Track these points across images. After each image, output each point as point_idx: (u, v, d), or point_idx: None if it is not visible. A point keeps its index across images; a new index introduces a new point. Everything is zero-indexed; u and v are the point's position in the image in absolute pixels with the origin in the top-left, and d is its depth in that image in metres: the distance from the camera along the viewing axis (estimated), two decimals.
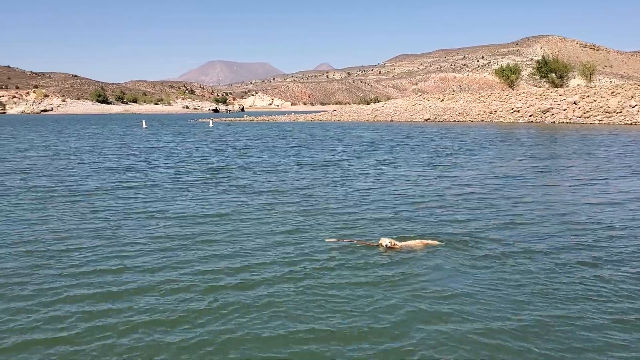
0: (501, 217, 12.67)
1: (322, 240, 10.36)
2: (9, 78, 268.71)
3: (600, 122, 61.38)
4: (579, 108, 66.12)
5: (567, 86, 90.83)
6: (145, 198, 15.23)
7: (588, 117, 63.56)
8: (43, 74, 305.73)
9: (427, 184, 18.23)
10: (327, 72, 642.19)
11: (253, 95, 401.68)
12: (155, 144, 39.72)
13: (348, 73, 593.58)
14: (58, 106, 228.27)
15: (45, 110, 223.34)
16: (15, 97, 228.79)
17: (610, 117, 61.79)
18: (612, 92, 68.49)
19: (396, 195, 15.77)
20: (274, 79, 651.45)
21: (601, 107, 64.36)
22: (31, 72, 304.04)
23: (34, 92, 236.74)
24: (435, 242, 10.24)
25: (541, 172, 21.18)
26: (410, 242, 10.15)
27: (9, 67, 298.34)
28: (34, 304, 7.17)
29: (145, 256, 9.36)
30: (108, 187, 17.34)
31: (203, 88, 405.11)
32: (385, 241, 9.87)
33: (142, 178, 19.60)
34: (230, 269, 8.67)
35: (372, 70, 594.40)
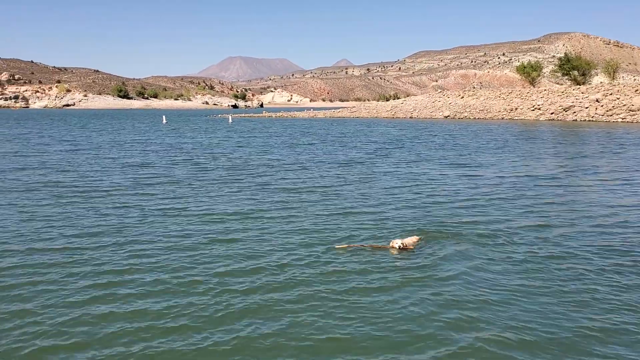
0: (529, 219, 12.33)
1: (339, 243, 9.99)
2: (33, 73, 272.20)
3: (624, 120, 60.36)
4: (602, 106, 65.08)
5: (590, 84, 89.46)
6: (165, 195, 15.14)
7: (611, 115, 62.54)
8: (65, 69, 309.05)
9: (454, 183, 17.88)
10: (346, 69, 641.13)
11: (272, 91, 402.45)
12: (176, 140, 39.90)
13: (367, 69, 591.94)
14: (80, 101, 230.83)
15: (68, 105, 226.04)
16: (38, 91, 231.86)
17: (634, 115, 60.70)
18: (636, 90, 67.27)
19: (421, 195, 15.44)
20: (292, 75, 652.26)
21: (624, 105, 63.27)
22: (54, 67, 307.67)
23: (56, 87, 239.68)
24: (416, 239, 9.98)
25: (569, 171, 20.75)
26: (412, 239, 9.91)
27: (32, 62, 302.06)
28: (52, 303, 7.10)
29: (161, 255, 9.24)
30: (129, 184, 17.35)
31: (222, 84, 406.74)
32: (397, 242, 9.55)
33: (163, 175, 19.56)
34: (245, 270, 8.47)
35: (391, 66, 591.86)
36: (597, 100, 66.60)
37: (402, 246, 9.44)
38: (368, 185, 17.40)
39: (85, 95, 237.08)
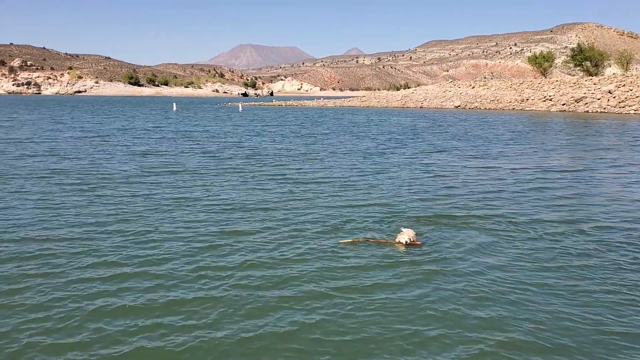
0: (547, 212, 11.89)
1: (345, 237, 9.58)
2: (45, 59, 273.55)
3: (636, 112, 60.01)
4: (614, 97, 64.72)
5: (602, 75, 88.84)
6: (174, 185, 14.98)
7: (623, 107, 62.19)
8: (77, 55, 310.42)
9: (470, 175, 17.38)
10: (357, 57, 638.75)
11: (282, 79, 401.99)
12: (187, 128, 40.05)
13: (378, 58, 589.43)
14: (91, 87, 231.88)
15: (79, 92, 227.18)
16: (50, 78, 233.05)
17: None
18: None
19: (435, 187, 15.04)
20: (303, 63, 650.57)
21: (637, 96, 62.88)
22: (66, 53, 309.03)
23: (68, 73, 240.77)
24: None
25: (587, 164, 20.14)
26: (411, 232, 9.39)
27: (44, 48, 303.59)
28: (65, 295, 6.98)
29: (166, 246, 9.00)
30: (139, 173, 17.09)
31: (233, 72, 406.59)
32: (404, 237, 9.06)
33: (173, 164, 19.28)
34: (253, 264, 8.18)
35: (402, 56, 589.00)
36: (609, 92, 66.23)
37: (409, 241, 9.00)
38: (381, 176, 17.00)
39: (97, 82, 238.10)
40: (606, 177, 17.25)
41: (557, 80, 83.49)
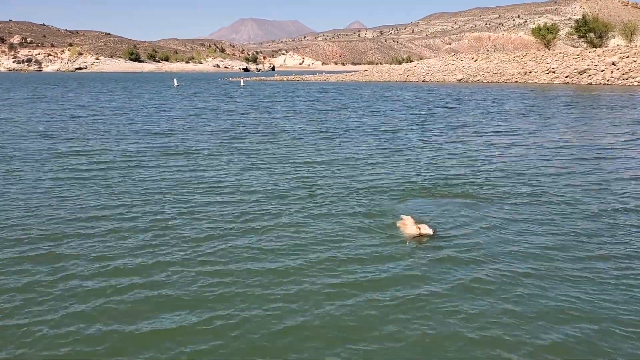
0: (584, 194, 11.04)
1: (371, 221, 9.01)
2: (45, 36, 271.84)
3: None
4: (618, 69, 64.38)
5: (606, 46, 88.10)
6: (176, 166, 14.39)
7: (627, 79, 61.90)
8: (77, 32, 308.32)
9: (501, 153, 16.54)
10: (359, 31, 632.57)
11: (283, 54, 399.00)
12: (189, 104, 40.04)
13: (380, 32, 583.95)
14: (92, 64, 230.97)
15: (80, 69, 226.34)
16: (50, 55, 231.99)
17: None
18: None
19: (471, 168, 14.21)
20: (304, 37, 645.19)
21: None
22: (66, 30, 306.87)
23: (68, 50, 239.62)
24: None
25: (624, 140, 19.40)
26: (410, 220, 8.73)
27: (44, 24, 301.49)
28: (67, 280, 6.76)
29: (182, 235, 8.49)
30: (149, 154, 16.41)
31: (234, 47, 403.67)
32: (412, 227, 8.31)
33: (175, 143, 18.76)
34: (264, 251, 7.79)
35: (404, 29, 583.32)
36: (613, 63, 65.86)
37: (417, 233, 8.14)
38: (408, 157, 16.07)
39: (97, 59, 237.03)
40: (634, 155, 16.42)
41: (560, 52, 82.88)
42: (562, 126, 23.96)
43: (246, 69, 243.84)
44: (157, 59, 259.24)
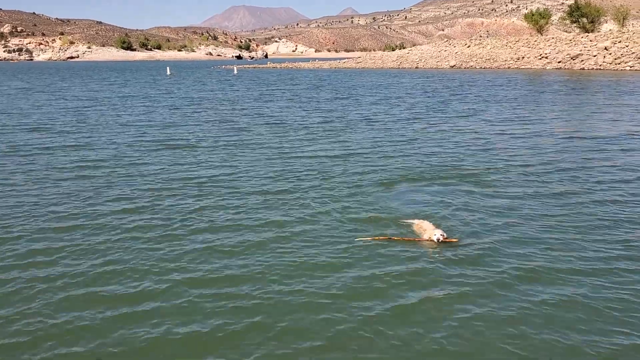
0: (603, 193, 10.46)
1: (364, 233, 8.22)
2: (35, 25, 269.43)
3: (632, 68, 60.10)
4: (610, 54, 64.67)
5: (599, 31, 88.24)
6: (185, 160, 13.98)
7: (619, 64, 62.23)
8: (68, 20, 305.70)
9: (521, 143, 16.23)
10: (352, 17, 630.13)
11: (276, 41, 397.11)
12: (182, 93, 40.07)
13: (373, 18, 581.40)
14: (84, 53, 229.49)
15: (72, 57, 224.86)
16: (41, 44, 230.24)
17: None
18: None
19: (492, 159, 13.81)
20: (297, 24, 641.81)
21: (633, 52, 62.87)
22: (56, 18, 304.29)
23: (59, 39, 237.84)
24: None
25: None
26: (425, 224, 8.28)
27: (34, 13, 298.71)
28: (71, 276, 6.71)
29: (181, 233, 8.26)
30: (146, 146, 16.11)
31: (226, 34, 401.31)
32: (437, 234, 7.68)
33: (170, 135, 18.40)
34: (267, 249, 7.57)
35: (397, 15, 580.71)
36: (605, 48, 66.12)
37: (441, 239, 7.63)
38: (417, 149, 15.54)
39: (89, 48, 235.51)
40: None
41: (553, 38, 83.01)
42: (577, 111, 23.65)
43: (239, 57, 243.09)
44: (149, 47, 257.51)
